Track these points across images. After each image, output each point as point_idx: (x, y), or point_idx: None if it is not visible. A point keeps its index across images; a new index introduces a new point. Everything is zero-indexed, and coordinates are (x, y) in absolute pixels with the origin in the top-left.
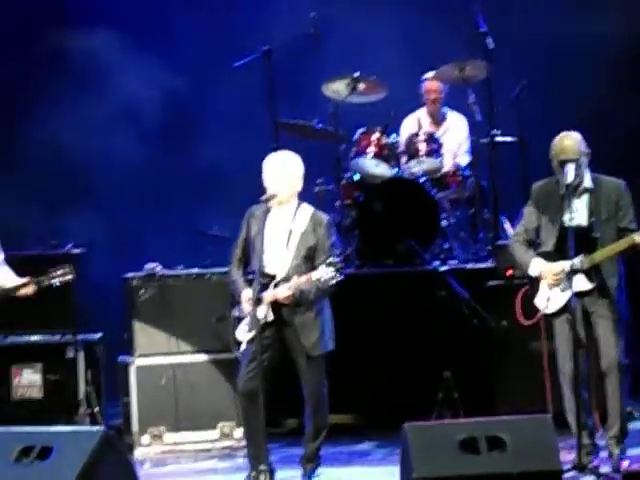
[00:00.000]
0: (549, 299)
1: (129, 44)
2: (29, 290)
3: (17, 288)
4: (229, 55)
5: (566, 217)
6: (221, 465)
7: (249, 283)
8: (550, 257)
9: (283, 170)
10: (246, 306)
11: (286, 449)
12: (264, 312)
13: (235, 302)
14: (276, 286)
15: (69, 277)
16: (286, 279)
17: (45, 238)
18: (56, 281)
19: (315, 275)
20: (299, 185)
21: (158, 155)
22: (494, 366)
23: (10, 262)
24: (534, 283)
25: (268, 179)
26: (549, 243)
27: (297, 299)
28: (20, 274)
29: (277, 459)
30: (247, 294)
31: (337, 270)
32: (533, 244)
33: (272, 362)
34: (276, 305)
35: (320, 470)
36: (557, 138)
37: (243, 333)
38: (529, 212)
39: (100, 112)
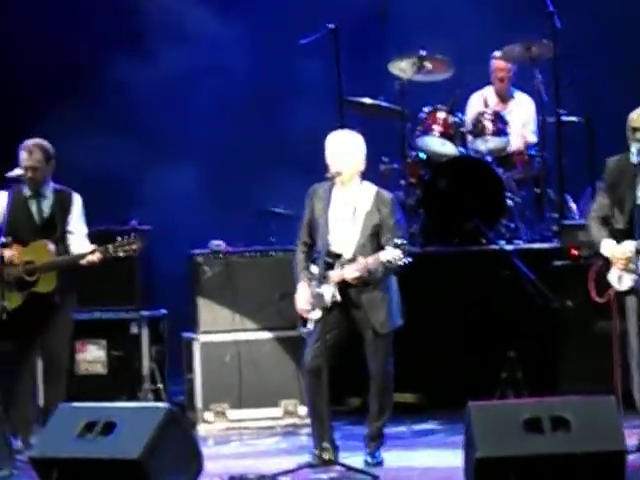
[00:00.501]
0: (621, 277)
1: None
2: (95, 258)
3: (83, 255)
4: (296, 32)
5: (638, 195)
6: (284, 443)
7: (314, 261)
8: (622, 235)
9: (345, 149)
10: (300, 298)
11: (349, 427)
12: (331, 291)
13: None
14: (342, 265)
15: (135, 247)
16: (352, 259)
17: (111, 214)
18: (122, 250)
19: (383, 256)
20: (362, 164)
21: (222, 133)
22: (558, 346)
23: None
24: (607, 260)
25: (331, 157)
26: (620, 221)
27: (365, 279)
28: None
29: (340, 437)
30: (303, 285)
31: (404, 252)
32: (608, 220)
33: (338, 341)
34: (343, 284)
35: (384, 448)
36: (635, 113)
37: (311, 312)
38: (603, 188)
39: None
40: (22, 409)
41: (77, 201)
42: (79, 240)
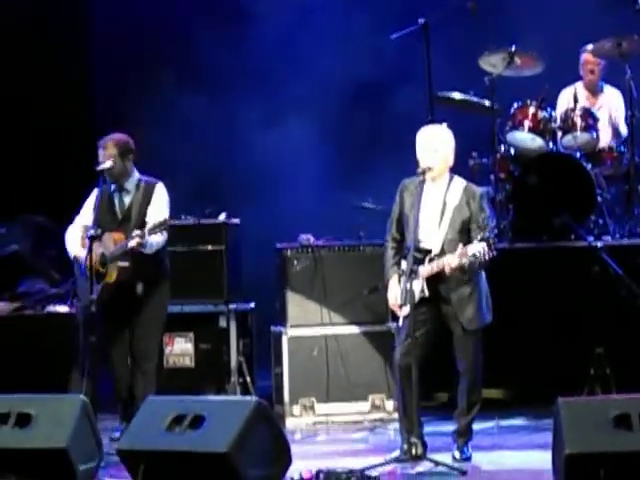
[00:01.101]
0: None
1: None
2: (133, 243)
3: (125, 244)
4: (387, 26)
5: None
6: (372, 437)
7: (404, 257)
8: None
9: (436, 144)
10: (392, 294)
11: (436, 423)
12: (420, 287)
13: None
14: (431, 261)
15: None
16: (441, 254)
17: (200, 207)
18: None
19: (470, 250)
20: (451, 159)
21: (312, 128)
22: None
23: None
24: None
25: (421, 152)
26: None
27: (461, 270)
28: (176, 243)
29: (428, 432)
30: (394, 282)
31: (490, 245)
32: None
33: (428, 337)
34: (432, 280)
35: (472, 444)
36: None
37: (400, 308)
38: None
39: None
40: (125, 403)
41: (158, 191)
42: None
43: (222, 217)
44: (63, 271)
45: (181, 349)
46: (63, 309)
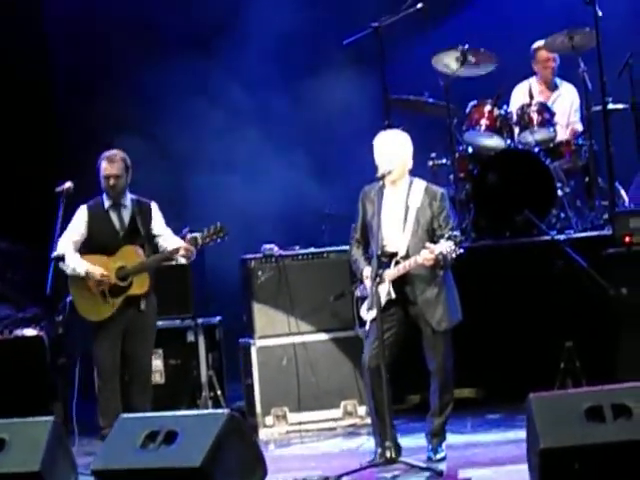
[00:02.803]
0: None
1: None
2: (185, 251)
3: (173, 252)
4: (340, 32)
5: None
6: (346, 443)
7: (369, 262)
8: None
9: (393, 147)
10: (369, 283)
11: (409, 425)
12: (386, 290)
13: (357, 281)
14: (397, 264)
15: (222, 234)
16: (406, 256)
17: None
18: (210, 240)
19: (437, 249)
20: (409, 162)
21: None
22: (615, 334)
23: None
24: None
25: (379, 157)
26: None
27: (439, 264)
28: None
29: (401, 435)
30: (368, 271)
31: (457, 243)
32: None
33: (397, 339)
34: (398, 283)
35: (446, 444)
36: None
37: (366, 311)
38: None
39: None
40: (113, 415)
41: (155, 208)
42: (169, 240)
43: (184, 232)
44: (29, 294)
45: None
46: (31, 332)
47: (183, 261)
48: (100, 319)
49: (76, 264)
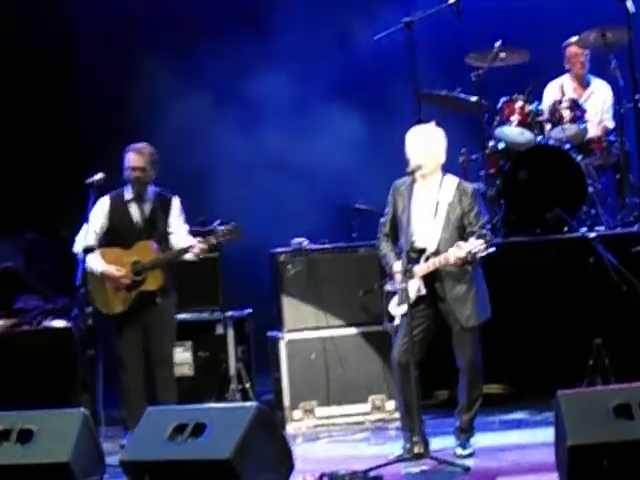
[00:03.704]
0: None
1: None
2: (198, 250)
3: (186, 249)
4: (371, 27)
5: None
6: (374, 438)
7: (399, 257)
8: None
9: (426, 142)
10: (399, 278)
11: (437, 420)
12: (416, 286)
13: (386, 276)
14: (427, 259)
15: (235, 235)
16: (436, 252)
17: (192, 215)
18: (224, 240)
19: (467, 247)
20: (442, 157)
21: (296, 126)
22: None
23: None
24: None
25: (411, 151)
26: None
27: (469, 261)
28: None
29: (429, 430)
30: (399, 266)
31: (487, 242)
32: None
33: (426, 335)
34: (428, 279)
35: (474, 440)
36: None
37: (396, 307)
38: None
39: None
40: (136, 407)
41: (176, 203)
42: (181, 238)
43: (216, 224)
44: (57, 286)
45: (180, 358)
46: (60, 324)
47: (193, 259)
48: (112, 312)
49: (93, 263)
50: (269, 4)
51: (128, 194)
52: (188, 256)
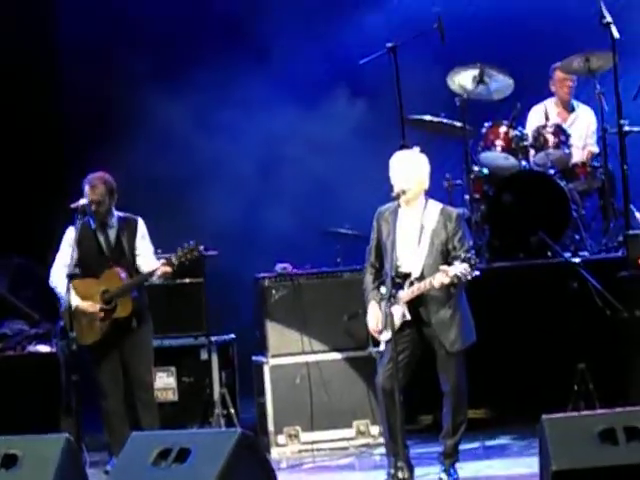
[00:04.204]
0: None
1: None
2: (162, 271)
3: (151, 273)
4: (355, 52)
5: None
6: (359, 463)
7: (383, 283)
8: None
9: (410, 168)
10: (371, 319)
11: (422, 445)
12: (401, 311)
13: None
14: (411, 284)
15: (196, 253)
16: (421, 277)
17: (177, 239)
18: (185, 258)
19: (452, 271)
20: (426, 182)
21: (284, 153)
22: (628, 356)
23: None
24: None
25: (395, 177)
26: None
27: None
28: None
29: (413, 455)
30: (373, 307)
31: (472, 266)
32: None
33: (410, 360)
34: (412, 304)
35: (459, 465)
36: None
37: (381, 332)
38: None
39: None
40: (119, 432)
41: (141, 225)
42: (147, 260)
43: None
44: (42, 311)
45: (164, 383)
46: (44, 349)
47: (158, 281)
48: (87, 343)
49: (68, 298)
50: (255, 15)
51: (93, 224)
52: (153, 279)
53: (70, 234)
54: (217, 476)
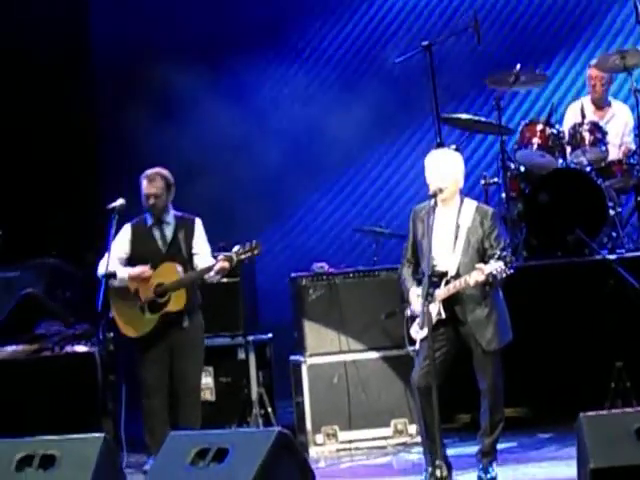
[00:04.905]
0: None
1: None
2: (220, 266)
3: (209, 268)
4: (390, 50)
5: None
6: (396, 462)
7: (419, 282)
8: None
9: (446, 167)
10: (415, 304)
11: (459, 444)
12: (436, 310)
13: (406, 301)
14: (447, 283)
15: (256, 252)
16: (457, 276)
17: (214, 240)
18: (245, 257)
19: (487, 269)
20: (461, 181)
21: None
22: None
23: None
24: None
25: (431, 176)
26: None
27: (489, 283)
28: None
29: (451, 454)
30: (415, 292)
31: (507, 264)
32: None
33: (447, 358)
34: (448, 303)
35: (496, 464)
36: None
37: (417, 331)
38: None
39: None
40: (159, 432)
41: (198, 225)
42: (205, 259)
43: (236, 249)
44: (77, 312)
45: (201, 383)
46: (82, 349)
47: (216, 278)
48: (138, 335)
49: (118, 273)
50: (290, 21)
51: (150, 219)
52: (211, 275)
53: (125, 232)
54: (255, 476)
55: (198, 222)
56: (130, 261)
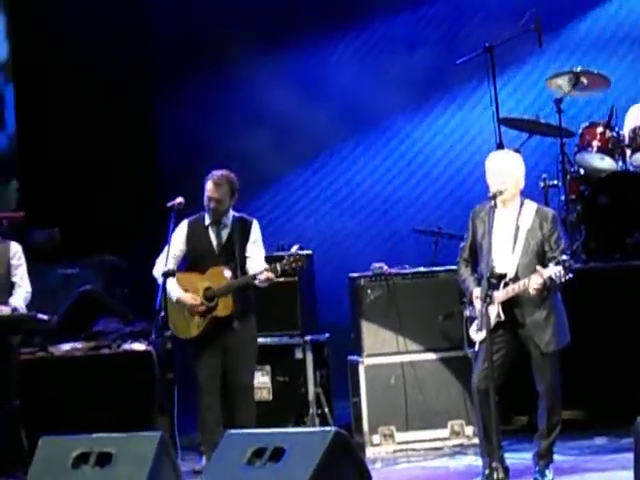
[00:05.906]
0: None
1: None
2: (270, 275)
3: (254, 276)
4: (452, 52)
5: None
6: (453, 463)
7: (478, 282)
8: None
9: (506, 168)
10: (477, 304)
11: (516, 446)
12: (495, 312)
13: (466, 301)
14: (506, 285)
15: (300, 263)
16: (515, 278)
17: (271, 239)
18: (290, 268)
19: (546, 273)
20: (522, 182)
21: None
22: None
23: None
24: None
25: (491, 177)
26: None
27: (548, 287)
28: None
29: (508, 456)
30: (477, 292)
31: (566, 269)
32: None
33: (505, 360)
34: (507, 305)
35: (553, 466)
36: None
37: (475, 332)
38: None
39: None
40: (212, 432)
41: (255, 227)
42: (257, 263)
43: (294, 249)
44: (135, 309)
45: (258, 382)
46: (140, 347)
47: (264, 285)
48: (186, 337)
49: (170, 289)
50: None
51: (207, 219)
52: (256, 283)
53: (181, 229)
54: (312, 476)
55: (255, 225)
56: (185, 259)
